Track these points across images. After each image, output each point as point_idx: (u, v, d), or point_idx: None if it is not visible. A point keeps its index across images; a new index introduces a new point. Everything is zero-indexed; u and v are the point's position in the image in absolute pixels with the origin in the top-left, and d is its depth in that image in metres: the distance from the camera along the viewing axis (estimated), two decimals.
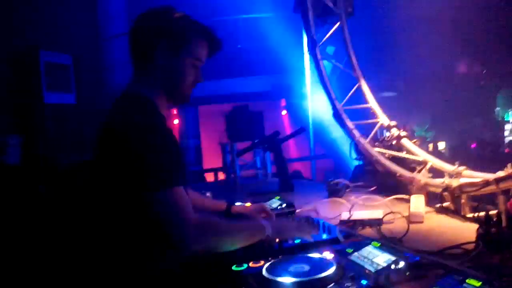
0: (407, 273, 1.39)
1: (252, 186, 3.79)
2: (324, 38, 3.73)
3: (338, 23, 3.71)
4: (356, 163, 3.68)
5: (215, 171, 6.54)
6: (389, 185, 2.89)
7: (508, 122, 8.84)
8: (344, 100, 3.58)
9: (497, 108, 9.17)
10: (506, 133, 8.91)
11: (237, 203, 2.29)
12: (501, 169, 2.17)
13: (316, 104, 8.51)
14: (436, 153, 6.44)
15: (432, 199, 2.47)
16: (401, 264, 1.40)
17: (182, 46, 1.66)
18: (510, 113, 8.47)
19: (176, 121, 8.82)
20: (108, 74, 6.95)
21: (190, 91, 1.74)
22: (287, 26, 7.75)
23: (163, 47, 1.63)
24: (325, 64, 3.64)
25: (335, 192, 2.94)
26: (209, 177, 6.72)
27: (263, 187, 3.71)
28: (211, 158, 6.79)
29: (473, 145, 8.17)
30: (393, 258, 1.42)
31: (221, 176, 5.08)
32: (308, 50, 3.74)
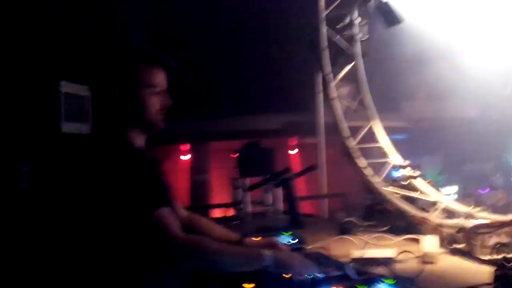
0: None
1: (262, 222, 3.74)
2: (338, 78, 3.78)
3: (353, 63, 3.77)
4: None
5: (223, 206, 6.50)
6: (401, 225, 2.85)
7: None
8: (357, 139, 3.59)
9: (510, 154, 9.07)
10: None
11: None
12: None
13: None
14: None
15: (445, 240, 2.43)
16: None
17: (134, 80, 1.71)
18: None
19: (188, 157, 8.90)
20: None
21: (160, 117, 1.76)
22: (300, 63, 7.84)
23: (118, 86, 1.71)
24: None
25: (346, 230, 2.92)
26: (218, 213, 6.67)
27: (273, 224, 3.66)
28: (221, 194, 6.78)
29: (486, 190, 8.04)
30: None
31: (230, 212, 5.04)
32: (322, 89, 3.79)
